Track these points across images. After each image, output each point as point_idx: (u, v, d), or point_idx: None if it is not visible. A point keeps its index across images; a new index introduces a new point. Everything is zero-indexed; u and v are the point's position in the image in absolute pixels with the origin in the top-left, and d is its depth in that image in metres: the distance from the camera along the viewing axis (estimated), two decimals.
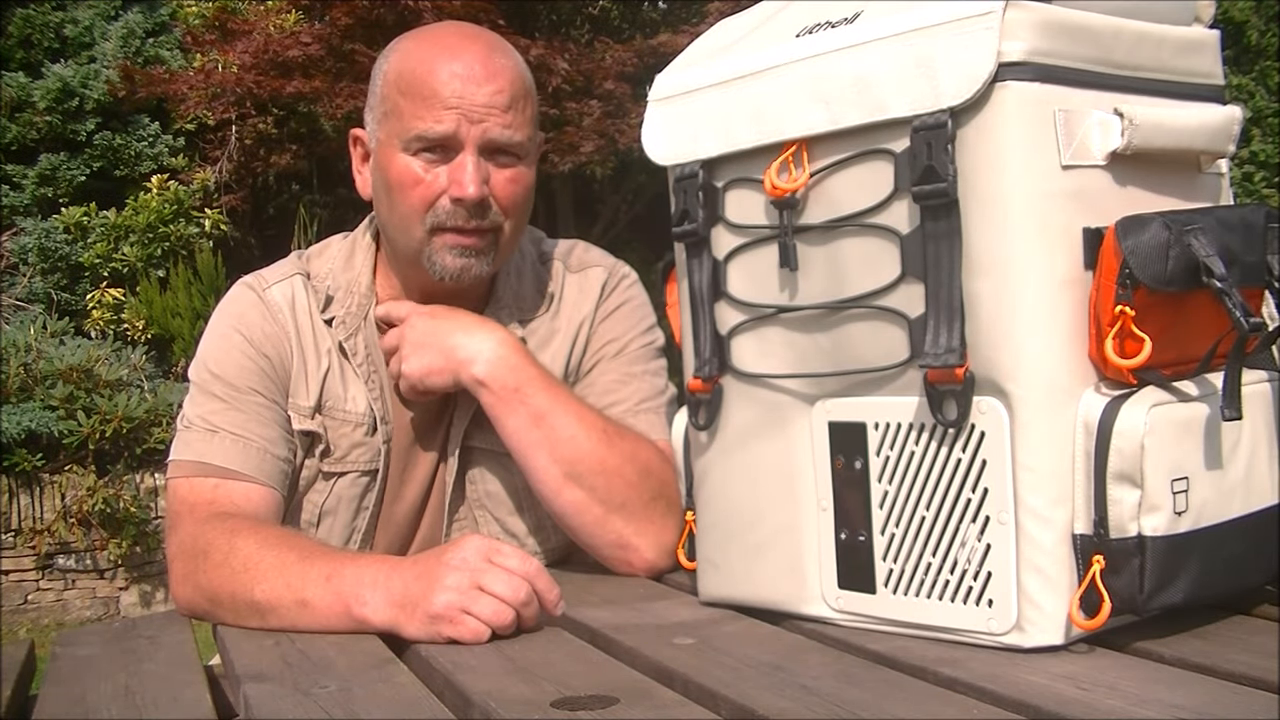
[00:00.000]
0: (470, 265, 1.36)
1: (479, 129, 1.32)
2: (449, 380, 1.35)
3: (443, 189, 1.33)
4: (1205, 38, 1.10)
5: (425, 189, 1.34)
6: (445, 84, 1.32)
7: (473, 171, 1.32)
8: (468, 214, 1.33)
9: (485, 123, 1.32)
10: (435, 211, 1.34)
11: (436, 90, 1.32)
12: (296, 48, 6.37)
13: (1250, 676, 0.87)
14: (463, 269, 1.36)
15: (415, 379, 1.36)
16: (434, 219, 1.34)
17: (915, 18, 0.97)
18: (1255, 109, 6.70)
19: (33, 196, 6.83)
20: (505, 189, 1.35)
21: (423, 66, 1.34)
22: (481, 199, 1.33)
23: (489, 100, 1.32)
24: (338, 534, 1.41)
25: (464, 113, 1.32)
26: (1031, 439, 0.95)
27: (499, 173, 1.35)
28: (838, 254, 1.04)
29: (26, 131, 6.81)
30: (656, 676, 0.97)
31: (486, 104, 1.32)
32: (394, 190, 1.36)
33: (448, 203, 1.33)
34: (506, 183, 1.35)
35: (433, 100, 1.32)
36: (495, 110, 1.33)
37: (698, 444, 1.18)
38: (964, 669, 0.92)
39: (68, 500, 5.26)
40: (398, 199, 1.36)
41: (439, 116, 1.32)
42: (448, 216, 1.34)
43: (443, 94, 1.32)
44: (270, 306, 1.42)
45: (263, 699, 0.96)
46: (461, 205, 1.33)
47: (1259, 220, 1.01)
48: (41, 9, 7.07)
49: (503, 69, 1.35)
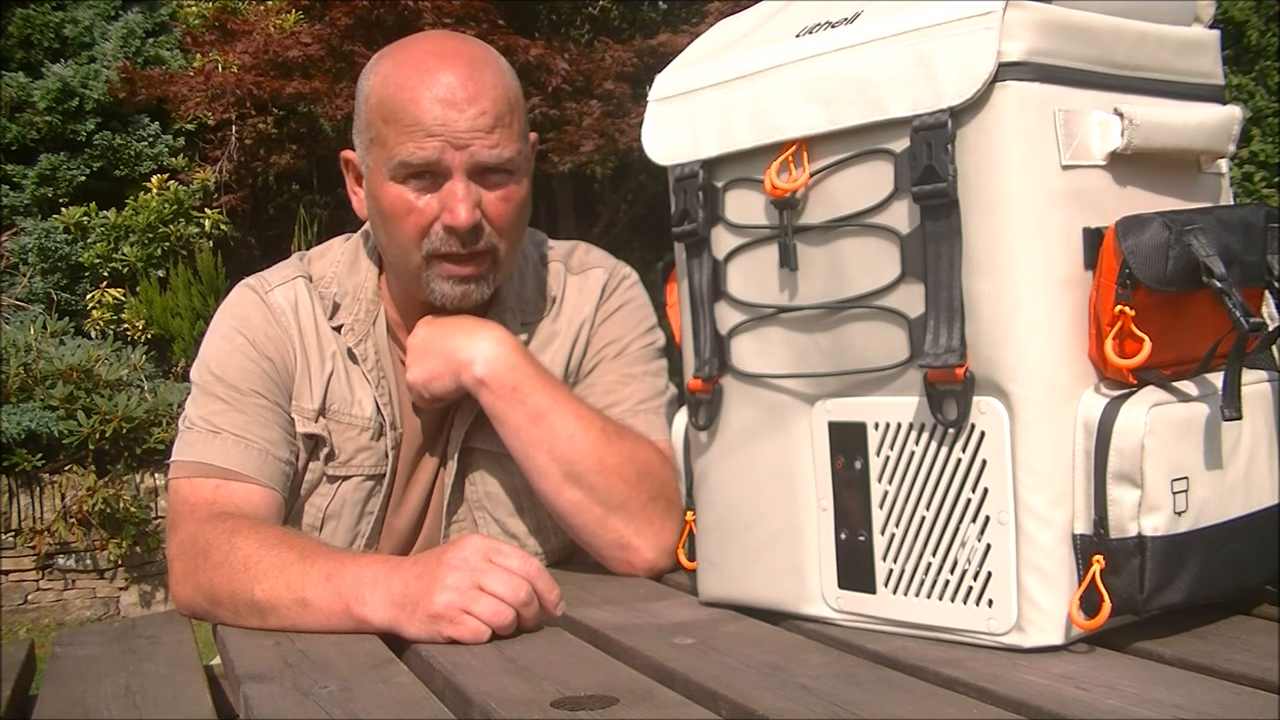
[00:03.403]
0: (470, 292, 1.36)
1: (465, 154, 1.30)
2: (451, 384, 1.35)
3: (435, 215, 1.32)
4: (1205, 38, 1.10)
5: (418, 216, 1.32)
6: (427, 110, 1.29)
7: (464, 197, 1.30)
8: (462, 241, 1.32)
9: (471, 147, 1.30)
10: (430, 239, 1.33)
11: (418, 118, 1.29)
12: (296, 48, 6.37)
13: (1250, 676, 0.87)
14: (462, 296, 1.35)
15: (420, 386, 1.36)
16: (430, 246, 1.33)
17: (915, 18, 0.97)
18: (1255, 109, 6.70)
19: (33, 196, 6.83)
20: (498, 208, 1.34)
21: (403, 93, 1.31)
22: (474, 224, 1.31)
23: (472, 124, 1.29)
24: (341, 538, 1.41)
25: (448, 139, 1.29)
26: (1031, 439, 0.95)
27: (491, 193, 1.33)
28: (838, 254, 1.04)
29: (26, 131, 6.81)
30: (656, 676, 0.97)
31: (470, 128, 1.29)
32: (387, 219, 1.35)
33: (440, 230, 1.32)
34: (499, 202, 1.34)
35: (415, 128, 1.29)
36: (480, 133, 1.30)
37: (698, 444, 1.18)
38: (964, 669, 0.92)
39: (68, 500, 5.26)
40: (393, 228, 1.35)
41: (422, 144, 1.29)
42: (442, 243, 1.32)
43: (424, 121, 1.29)
44: (273, 309, 1.42)
45: (263, 699, 0.96)
46: (454, 233, 1.32)
47: (1259, 220, 1.01)
48: (41, 9, 7.07)
49: (485, 87, 1.31)
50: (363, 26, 6.28)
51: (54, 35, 7.10)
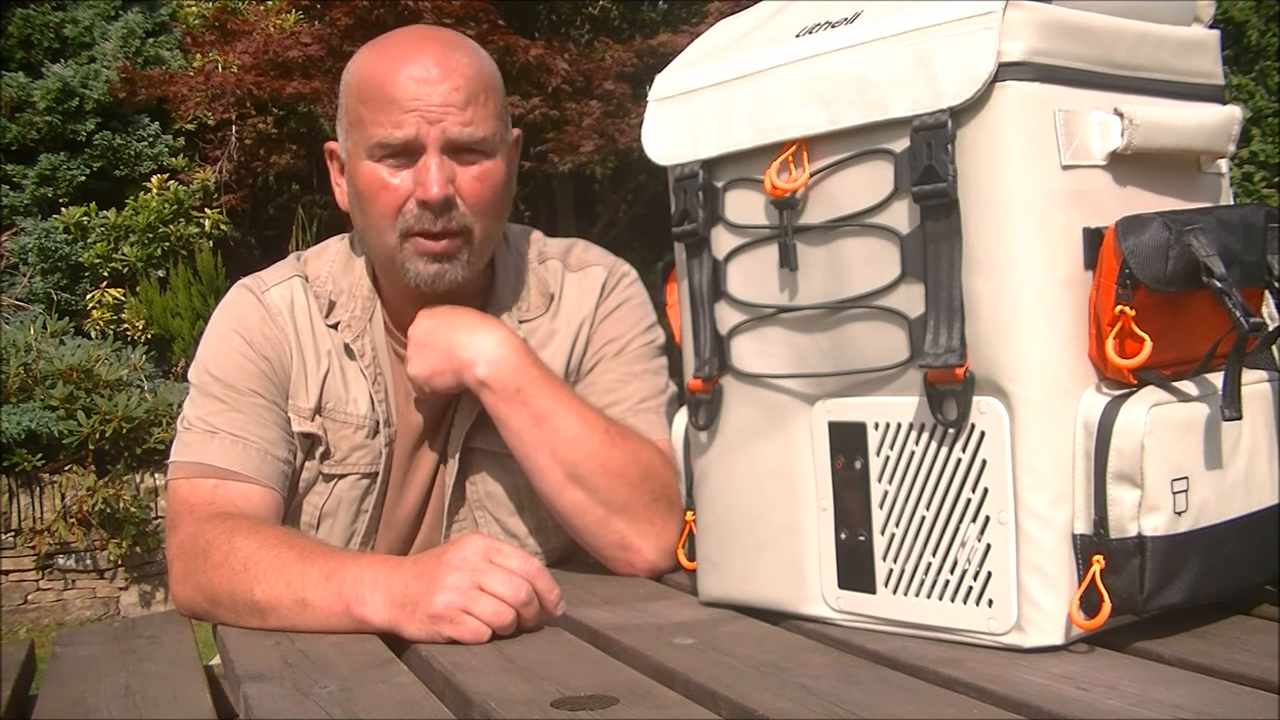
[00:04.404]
0: (444, 271, 1.36)
1: (437, 129, 1.31)
2: (452, 381, 1.35)
3: (409, 192, 1.33)
4: (1205, 38, 1.10)
5: (392, 194, 1.33)
6: (401, 87, 1.31)
7: (436, 172, 1.31)
8: (434, 215, 1.33)
9: (443, 121, 1.31)
10: (404, 216, 1.34)
11: (393, 95, 1.32)
12: (296, 48, 6.37)
13: (1250, 676, 0.87)
14: (435, 275, 1.35)
15: (420, 380, 1.36)
16: (404, 224, 1.34)
17: (915, 18, 0.97)
18: (1255, 109, 6.70)
19: (33, 196, 6.83)
20: (471, 187, 1.34)
21: (379, 73, 1.34)
22: (446, 198, 1.32)
23: (445, 99, 1.31)
24: (337, 536, 1.41)
25: (421, 114, 1.31)
26: (1031, 439, 0.95)
27: (465, 171, 1.34)
28: (838, 254, 1.04)
29: (26, 131, 6.81)
30: (656, 676, 0.97)
31: (443, 102, 1.31)
32: (364, 198, 1.36)
33: (414, 206, 1.33)
34: (473, 180, 1.34)
35: (390, 106, 1.32)
36: (453, 109, 1.32)
37: (698, 444, 1.18)
38: (964, 669, 0.92)
39: (68, 500, 5.26)
40: (368, 207, 1.36)
41: (397, 121, 1.31)
42: (416, 220, 1.33)
43: (399, 98, 1.31)
44: (270, 309, 1.42)
45: (263, 699, 0.96)
46: (428, 208, 1.32)
47: (1259, 220, 1.01)
48: (41, 9, 7.07)
49: (458, 65, 1.34)
50: (363, 26, 6.28)
51: (54, 35, 7.10)
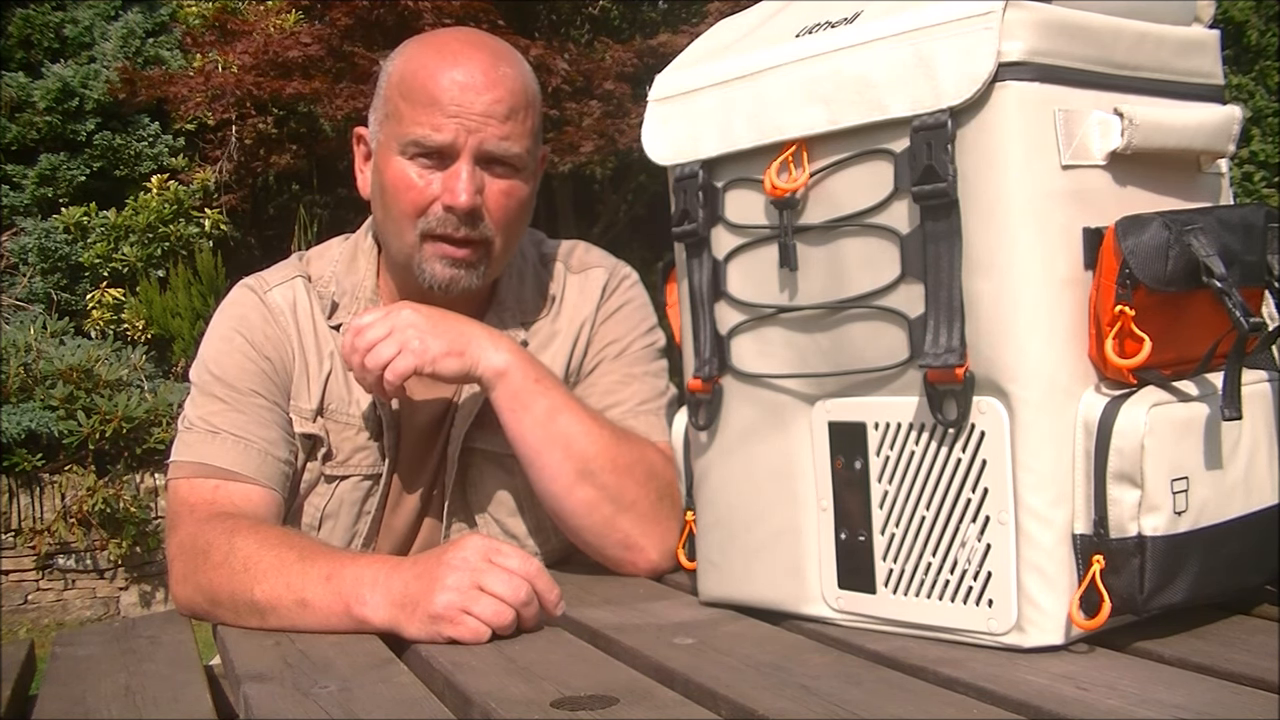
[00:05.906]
0: (460, 277, 1.36)
1: (475, 138, 1.32)
2: (459, 368, 1.30)
3: (436, 195, 1.33)
4: (1205, 38, 1.10)
5: (419, 194, 1.34)
6: (445, 91, 1.32)
7: (466, 180, 1.32)
8: (458, 222, 1.33)
9: (482, 132, 1.32)
10: (427, 218, 1.34)
11: (436, 97, 1.32)
12: (296, 48, 6.37)
13: (1250, 676, 0.87)
14: (451, 280, 1.35)
15: (433, 357, 1.29)
16: (425, 225, 1.34)
17: (915, 18, 0.97)
18: (1255, 109, 6.70)
19: (33, 196, 6.83)
20: (498, 201, 1.35)
21: (425, 72, 1.34)
22: (473, 208, 1.32)
23: (487, 109, 1.32)
24: (338, 538, 1.41)
25: (462, 121, 1.31)
26: (1031, 439, 0.95)
27: (494, 184, 1.34)
28: (838, 254, 1.04)
29: (26, 131, 6.81)
30: (656, 676, 0.97)
31: (484, 113, 1.32)
32: (389, 193, 1.36)
33: (440, 209, 1.33)
34: (500, 195, 1.35)
35: (432, 107, 1.32)
36: (493, 120, 1.32)
37: (698, 444, 1.18)
38: (964, 669, 0.92)
39: (68, 500, 5.26)
40: (391, 202, 1.36)
41: (437, 124, 1.31)
42: (439, 223, 1.34)
43: (442, 101, 1.32)
44: (272, 309, 1.42)
45: (263, 699, 0.96)
46: (453, 213, 1.33)
47: (1259, 220, 1.01)
48: (41, 9, 7.07)
49: (504, 78, 1.34)
50: (363, 27, 6.29)
51: (54, 35, 7.10)
